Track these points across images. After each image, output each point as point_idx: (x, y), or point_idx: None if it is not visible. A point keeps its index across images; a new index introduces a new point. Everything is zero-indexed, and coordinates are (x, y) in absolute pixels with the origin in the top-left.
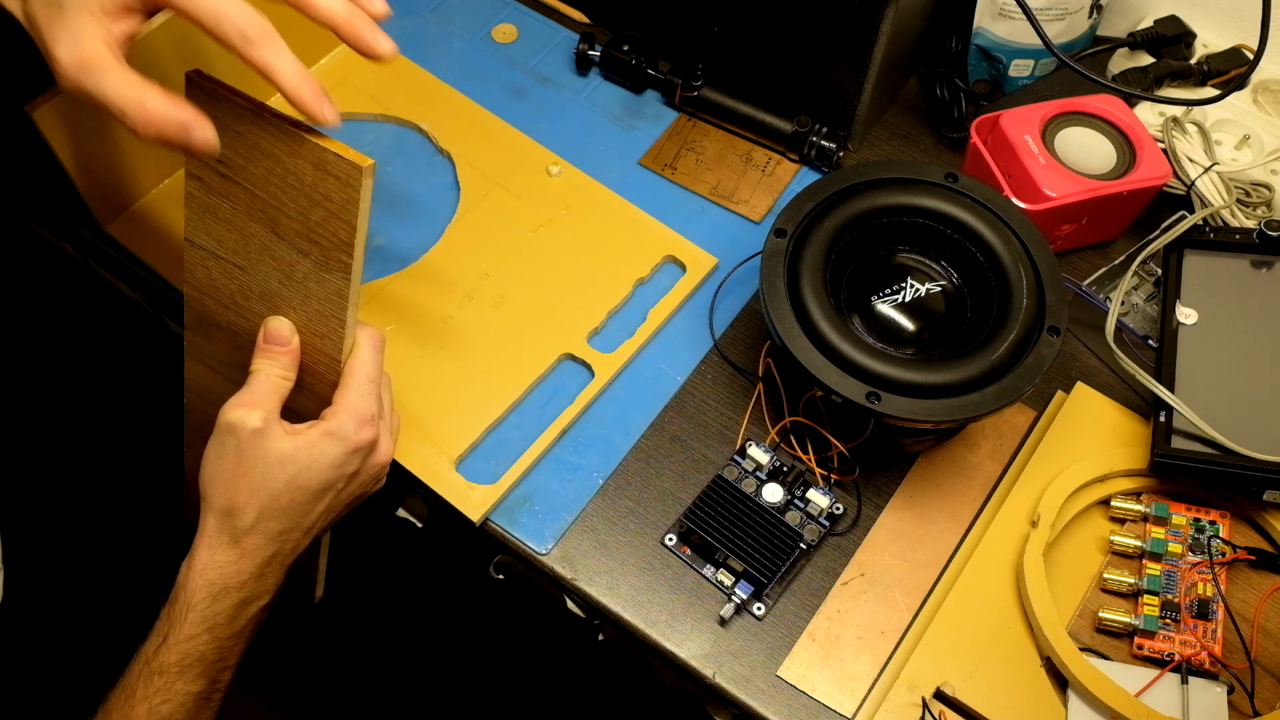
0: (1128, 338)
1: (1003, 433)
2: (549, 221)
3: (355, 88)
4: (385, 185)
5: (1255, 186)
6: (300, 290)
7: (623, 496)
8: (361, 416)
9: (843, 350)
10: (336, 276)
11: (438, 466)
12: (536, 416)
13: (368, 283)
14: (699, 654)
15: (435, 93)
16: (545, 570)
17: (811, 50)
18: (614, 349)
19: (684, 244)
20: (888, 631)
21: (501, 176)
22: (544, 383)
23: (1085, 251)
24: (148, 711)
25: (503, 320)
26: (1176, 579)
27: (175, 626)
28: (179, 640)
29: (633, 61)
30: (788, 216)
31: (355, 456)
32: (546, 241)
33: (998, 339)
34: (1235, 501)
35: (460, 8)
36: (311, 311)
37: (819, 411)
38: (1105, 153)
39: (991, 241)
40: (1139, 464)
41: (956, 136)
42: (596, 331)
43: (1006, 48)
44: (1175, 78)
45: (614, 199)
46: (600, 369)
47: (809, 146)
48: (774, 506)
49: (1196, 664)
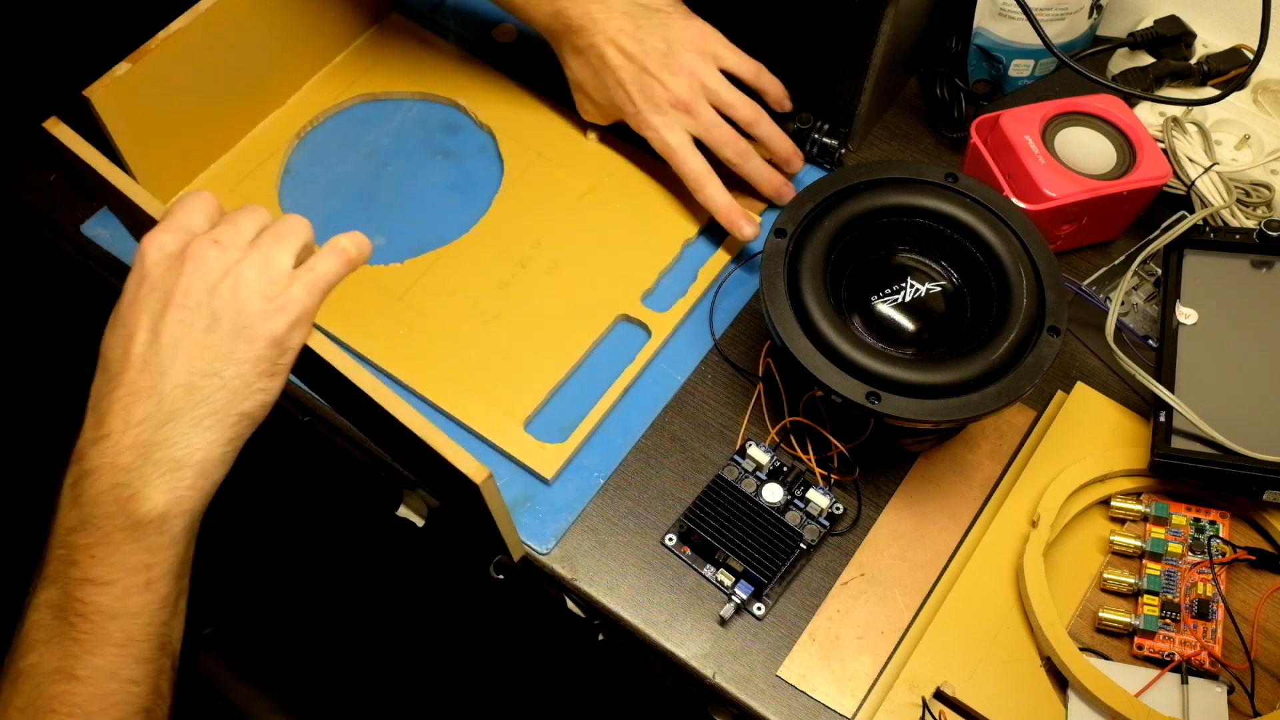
0: (1128, 338)
1: (1003, 433)
2: (593, 189)
3: (392, 67)
4: (429, 163)
5: (1255, 186)
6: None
7: (623, 496)
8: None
9: (843, 350)
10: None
11: (507, 428)
12: (598, 377)
13: (420, 256)
14: (699, 654)
15: (470, 69)
16: (545, 570)
17: (811, 50)
18: (668, 308)
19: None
20: (888, 631)
21: (542, 147)
22: (602, 344)
23: (1085, 251)
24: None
25: (557, 285)
26: (1176, 579)
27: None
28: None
29: None
30: (788, 216)
31: (145, 265)
32: (593, 207)
33: (998, 339)
34: (1235, 501)
35: (460, 8)
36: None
37: (819, 411)
38: (1105, 153)
39: (991, 241)
40: (1139, 464)
41: (956, 136)
42: (649, 292)
43: (1006, 48)
44: (1175, 78)
45: (654, 163)
46: (657, 328)
47: (811, 144)
48: (774, 506)
49: (1196, 664)
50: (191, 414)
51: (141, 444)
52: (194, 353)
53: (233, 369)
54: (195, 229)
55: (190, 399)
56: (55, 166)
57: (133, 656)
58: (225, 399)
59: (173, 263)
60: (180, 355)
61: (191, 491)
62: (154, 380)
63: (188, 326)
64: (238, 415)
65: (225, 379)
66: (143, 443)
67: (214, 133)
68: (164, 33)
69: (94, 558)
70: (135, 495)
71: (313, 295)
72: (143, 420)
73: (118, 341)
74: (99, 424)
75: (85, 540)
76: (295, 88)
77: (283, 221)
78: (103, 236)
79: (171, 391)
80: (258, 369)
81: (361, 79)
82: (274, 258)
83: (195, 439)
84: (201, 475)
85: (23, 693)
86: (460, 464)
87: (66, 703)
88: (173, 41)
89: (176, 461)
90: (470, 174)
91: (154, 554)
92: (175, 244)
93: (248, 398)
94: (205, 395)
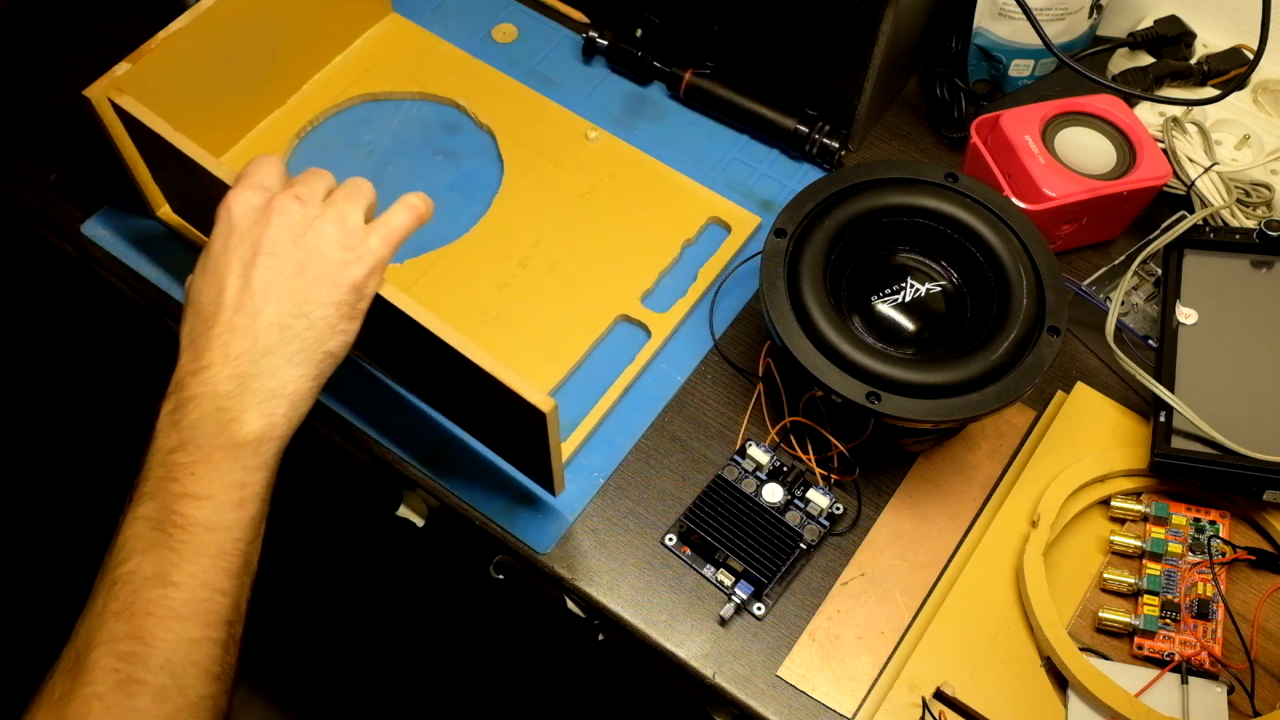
0: (1128, 338)
1: (1003, 433)
2: (593, 189)
3: (392, 67)
4: (429, 163)
5: (1255, 186)
6: None
7: (623, 496)
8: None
9: (843, 350)
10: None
11: None
12: (598, 377)
13: (419, 257)
14: (699, 654)
15: (470, 69)
16: (545, 570)
17: (811, 50)
18: (668, 308)
19: (727, 205)
20: (888, 631)
21: (542, 147)
22: (602, 345)
23: (1085, 251)
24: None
25: (557, 286)
26: (1176, 579)
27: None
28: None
29: (638, 54)
30: (788, 216)
31: (231, 218)
32: (592, 208)
33: (998, 339)
34: (1235, 501)
35: (460, 8)
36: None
37: (819, 411)
38: (1105, 153)
39: (991, 241)
40: (1139, 464)
41: (956, 136)
42: (649, 293)
43: (1006, 48)
44: (1175, 78)
45: (654, 164)
46: (656, 328)
47: (811, 144)
48: (774, 506)
49: (1196, 664)
50: (284, 350)
51: (240, 375)
52: (284, 296)
53: (319, 311)
54: (273, 187)
55: (283, 337)
56: (55, 166)
57: (223, 570)
58: (313, 338)
59: (259, 216)
60: (271, 298)
61: (284, 420)
62: (249, 320)
63: (276, 272)
64: (324, 353)
65: (312, 320)
66: (241, 374)
67: (214, 132)
68: (164, 32)
69: (194, 475)
70: (235, 420)
71: (387, 246)
72: (240, 355)
73: (210, 285)
74: (197, 358)
75: (186, 459)
76: (295, 88)
77: (351, 182)
78: (103, 236)
79: (265, 330)
80: (340, 311)
81: (361, 79)
82: (348, 213)
83: (288, 373)
84: (292, 406)
85: (119, 597)
86: (527, 395)
87: (163, 606)
88: (173, 41)
89: (271, 391)
90: (470, 174)
91: (249, 474)
92: (259, 199)
93: (332, 337)
94: (296, 334)
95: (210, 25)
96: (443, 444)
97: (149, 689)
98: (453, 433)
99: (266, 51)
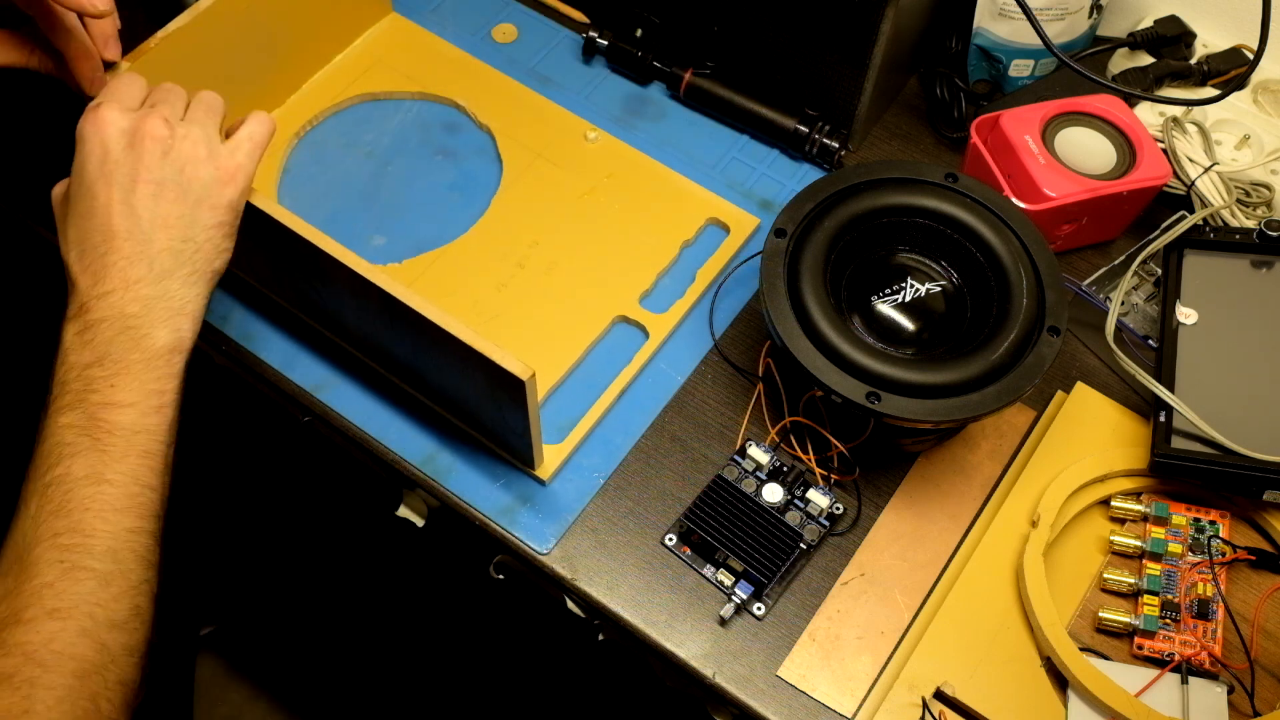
0: (1128, 338)
1: (1003, 433)
2: (592, 189)
3: (392, 67)
4: (429, 163)
5: (1255, 186)
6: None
7: (623, 496)
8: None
9: (843, 350)
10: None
11: None
12: (596, 378)
13: (418, 256)
14: (699, 654)
15: (470, 69)
16: (545, 570)
17: (811, 50)
18: (666, 309)
19: (726, 206)
20: (888, 631)
21: (541, 147)
22: (600, 345)
23: (1085, 251)
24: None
25: (555, 286)
26: (1176, 579)
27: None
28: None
29: (638, 54)
30: (788, 216)
31: (105, 141)
32: (591, 208)
33: (998, 339)
34: (1235, 501)
35: (460, 8)
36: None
37: (819, 411)
38: (1105, 153)
39: (991, 241)
40: (1139, 464)
41: (956, 136)
42: (647, 294)
43: (1006, 48)
44: (1175, 78)
45: (653, 164)
46: (654, 329)
47: (811, 144)
48: (774, 506)
49: (1196, 664)
50: (179, 273)
51: (143, 298)
52: (170, 223)
53: (203, 235)
54: (135, 107)
55: (176, 260)
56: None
57: (150, 468)
58: (202, 259)
59: (131, 140)
60: (159, 225)
61: (190, 334)
62: (141, 247)
63: (158, 199)
64: (212, 272)
65: (199, 243)
66: (144, 297)
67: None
68: (163, 32)
69: (113, 386)
70: (146, 335)
71: (254, 160)
72: (139, 279)
73: (95, 211)
74: (96, 283)
75: (103, 373)
76: (295, 87)
77: (203, 96)
78: None
79: (159, 255)
80: (221, 231)
81: (361, 79)
82: (211, 132)
83: (186, 293)
84: (194, 320)
85: (54, 499)
86: (505, 364)
87: (99, 501)
88: (172, 41)
89: (174, 310)
90: (470, 174)
91: (163, 382)
92: (127, 121)
93: (217, 257)
94: (186, 258)
95: (209, 24)
96: (443, 444)
97: (95, 574)
98: (452, 433)
99: (266, 51)
